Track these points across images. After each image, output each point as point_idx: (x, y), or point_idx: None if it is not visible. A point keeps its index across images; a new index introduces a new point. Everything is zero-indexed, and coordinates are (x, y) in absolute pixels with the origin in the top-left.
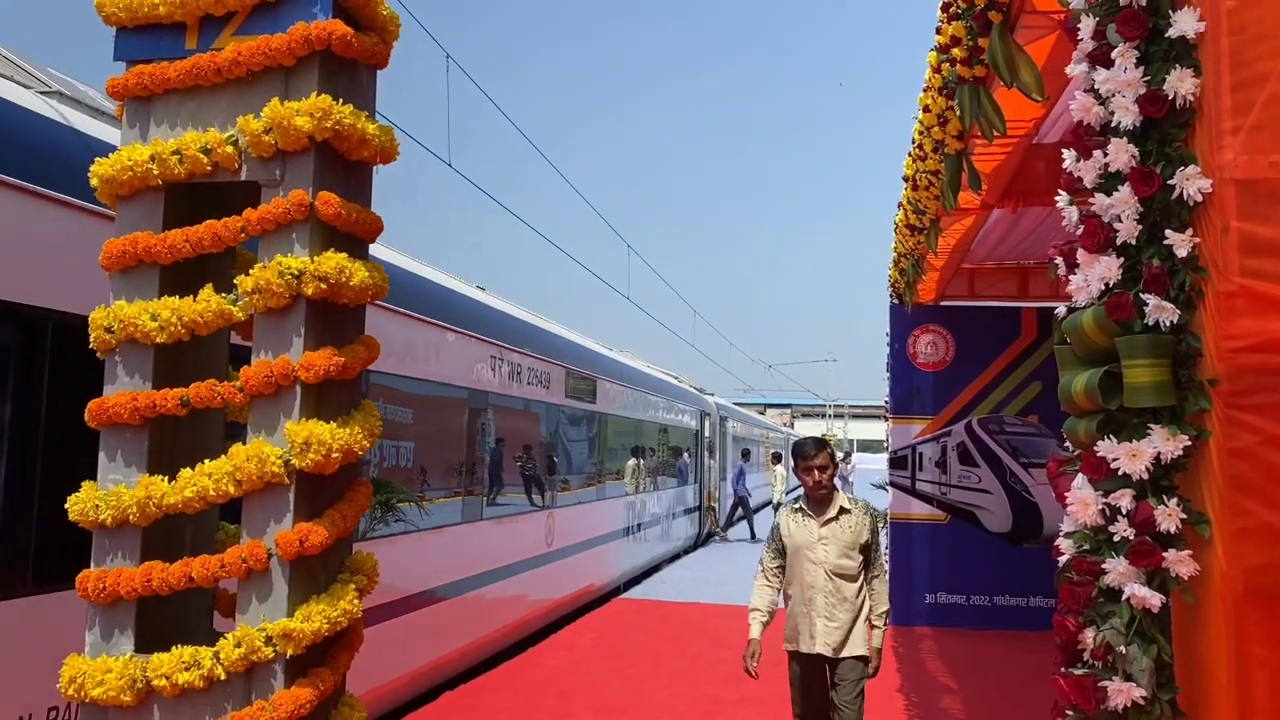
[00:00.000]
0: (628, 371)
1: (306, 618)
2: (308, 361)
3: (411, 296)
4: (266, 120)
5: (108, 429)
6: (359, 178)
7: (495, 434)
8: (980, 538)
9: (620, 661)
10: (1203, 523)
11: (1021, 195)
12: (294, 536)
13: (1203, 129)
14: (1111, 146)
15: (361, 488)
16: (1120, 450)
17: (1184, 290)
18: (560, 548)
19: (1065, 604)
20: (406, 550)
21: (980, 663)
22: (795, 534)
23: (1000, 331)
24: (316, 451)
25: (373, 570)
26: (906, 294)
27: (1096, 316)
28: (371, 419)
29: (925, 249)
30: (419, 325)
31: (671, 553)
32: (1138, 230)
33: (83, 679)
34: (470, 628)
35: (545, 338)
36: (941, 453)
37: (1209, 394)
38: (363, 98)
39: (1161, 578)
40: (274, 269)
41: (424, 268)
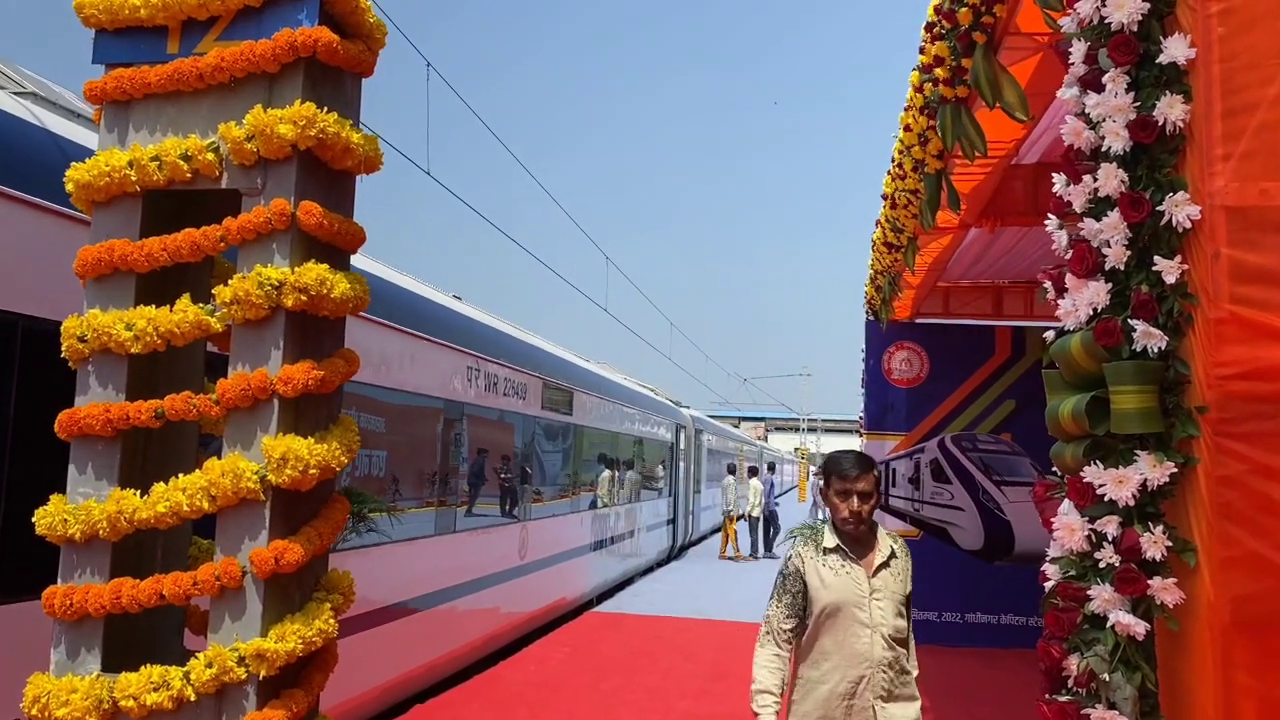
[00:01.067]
0: (604, 384)
1: (280, 637)
2: (286, 375)
3: (386, 305)
4: (249, 127)
5: (78, 441)
6: (341, 188)
7: (470, 445)
8: (952, 554)
9: (592, 675)
10: (1189, 550)
11: (999, 215)
12: (269, 554)
13: (1193, 155)
14: (1101, 171)
15: (338, 504)
16: (1107, 476)
17: (1173, 316)
18: (534, 560)
19: (1050, 630)
20: (377, 562)
21: (952, 680)
22: (834, 585)
23: (974, 350)
24: (294, 467)
25: (349, 589)
26: (882, 311)
27: (1084, 341)
28: (349, 434)
29: (902, 267)
30: (393, 334)
31: (644, 566)
32: (1126, 256)
33: (47, 699)
34: (441, 641)
35: (522, 349)
36: (915, 469)
37: (1197, 421)
38: (347, 106)
39: (1146, 605)
40: (253, 279)
41: (399, 276)
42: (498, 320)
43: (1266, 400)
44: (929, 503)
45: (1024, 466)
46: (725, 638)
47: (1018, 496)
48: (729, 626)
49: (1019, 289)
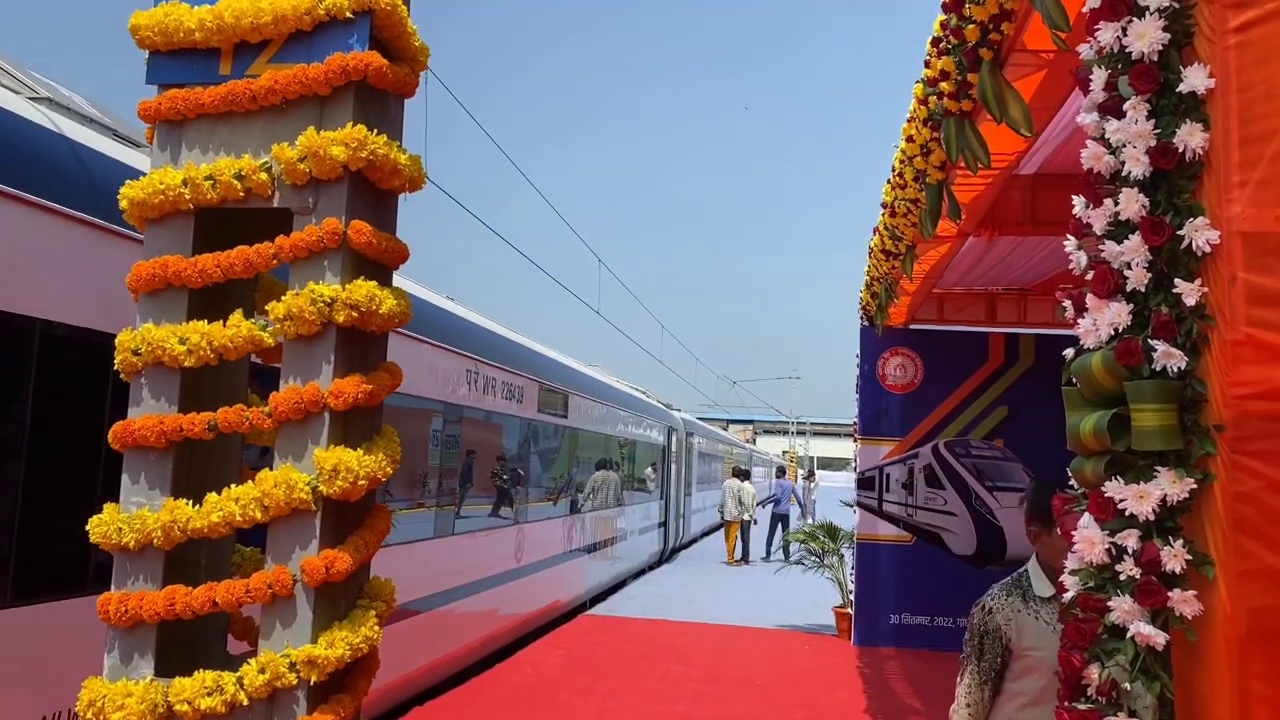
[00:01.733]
0: (598, 387)
1: (330, 644)
2: (338, 389)
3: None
4: (302, 149)
5: (131, 451)
6: (387, 206)
7: (467, 448)
8: (945, 559)
9: (588, 678)
10: (1207, 564)
11: (997, 224)
12: (320, 563)
13: (1211, 182)
14: (1123, 196)
15: (381, 514)
16: (1128, 492)
17: (1191, 337)
18: (529, 563)
19: (1071, 640)
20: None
21: (945, 683)
22: (1045, 640)
23: (968, 356)
24: (344, 479)
25: (390, 596)
26: (878, 317)
27: (1105, 360)
28: (393, 445)
29: (900, 274)
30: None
31: (637, 569)
32: (1147, 278)
33: (102, 703)
34: (439, 643)
35: (518, 351)
36: (908, 474)
37: (1214, 439)
38: (392, 127)
39: (1165, 616)
40: (306, 296)
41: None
42: (494, 323)
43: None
44: (922, 508)
45: (1016, 472)
46: (719, 641)
47: (1010, 502)
48: (723, 630)
49: (1012, 296)
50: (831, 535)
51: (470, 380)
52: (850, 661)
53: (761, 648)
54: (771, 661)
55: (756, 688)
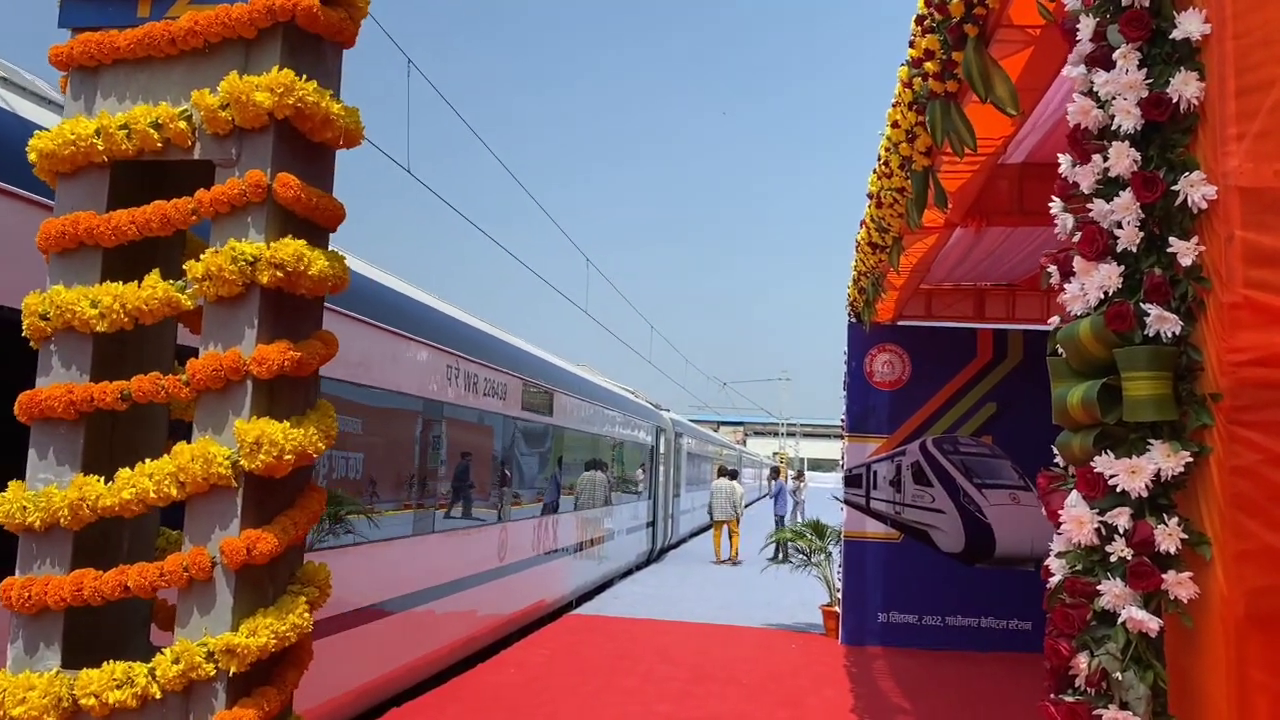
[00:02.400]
0: (585, 385)
1: (252, 632)
2: (261, 355)
3: (365, 301)
4: (224, 95)
5: (39, 424)
6: (321, 161)
7: (448, 446)
8: (933, 557)
9: (572, 678)
10: (1203, 543)
11: (985, 214)
12: (241, 544)
13: (1206, 135)
14: (1112, 151)
15: (314, 494)
16: (1119, 466)
17: (1185, 301)
18: (513, 562)
19: (1057, 627)
20: (354, 563)
21: (933, 683)
22: None
23: (956, 352)
24: (268, 453)
25: (325, 582)
26: (865, 313)
27: (1094, 326)
28: (328, 420)
29: (887, 267)
30: (372, 331)
31: (625, 568)
32: (1139, 237)
33: (2, 696)
34: (419, 643)
35: (501, 348)
36: (896, 471)
37: (1211, 409)
38: (328, 77)
39: (1159, 600)
40: (227, 254)
41: (378, 272)
42: (477, 319)
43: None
44: (910, 505)
45: (1005, 469)
46: (704, 640)
47: (999, 499)
48: (708, 629)
49: (1000, 292)
50: (819, 533)
51: (451, 376)
52: (837, 660)
53: (748, 646)
54: (757, 660)
55: (742, 687)
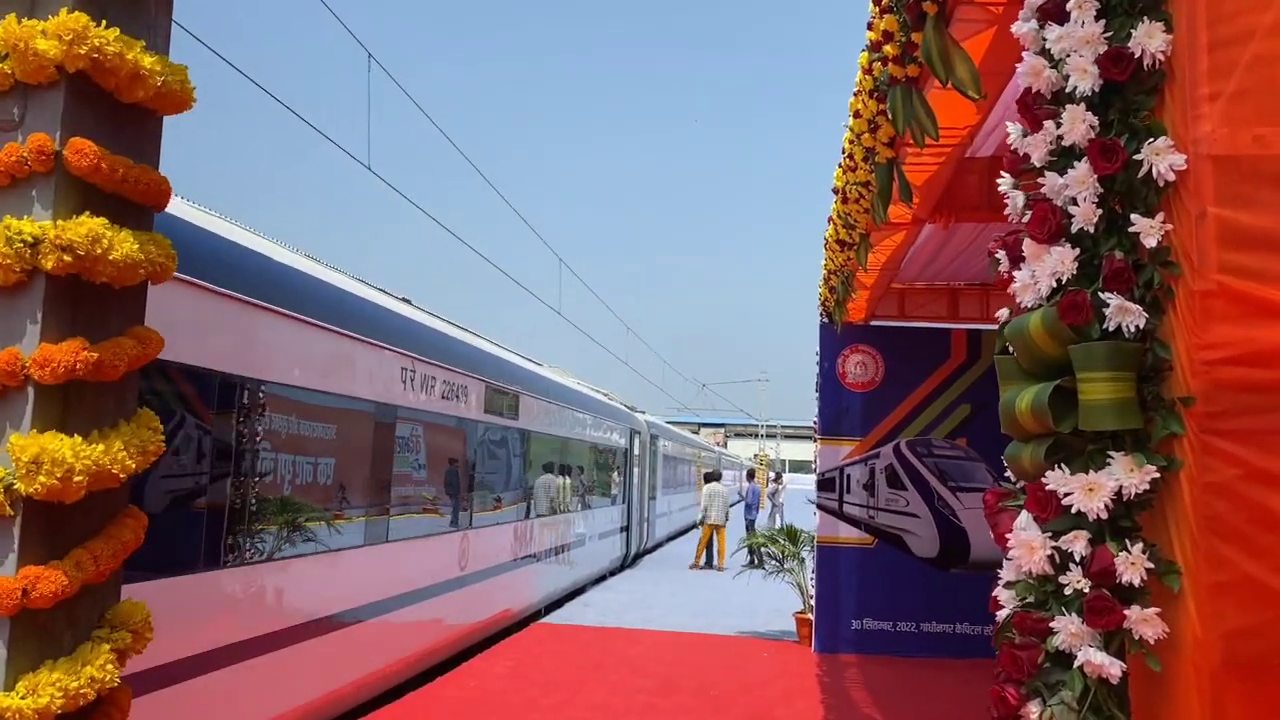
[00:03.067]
0: (553, 388)
1: (32, 690)
2: (44, 356)
3: (309, 300)
4: (1, 43)
5: None
6: (138, 127)
7: (404, 451)
8: (907, 562)
9: (534, 691)
10: (1172, 573)
11: (954, 210)
12: (14, 585)
13: (1174, 96)
14: (1066, 115)
15: (129, 521)
16: (1074, 483)
17: (1151, 289)
18: (475, 570)
19: (1005, 670)
20: (298, 575)
21: (907, 691)
22: None
23: (930, 353)
24: (49, 473)
25: (143, 624)
26: (836, 312)
27: (1046, 320)
28: (144, 432)
29: (855, 265)
30: (316, 332)
31: (597, 574)
32: (1097, 215)
33: None
34: (371, 657)
35: (462, 350)
36: (869, 475)
37: (1181, 416)
38: (151, 30)
39: (1121, 640)
40: (1, 234)
41: (328, 271)
42: (436, 320)
43: (1262, 390)
44: (884, 509)
45: (980, 472)
46: (675, 650)
47: (973, 503)
48: (680, 638)
49: (974, 291)
50: (792, 538)
51: (406, 379)
52: (810, 669)
53: (719, 656)
54: (728, 670)
55: (710, 699)
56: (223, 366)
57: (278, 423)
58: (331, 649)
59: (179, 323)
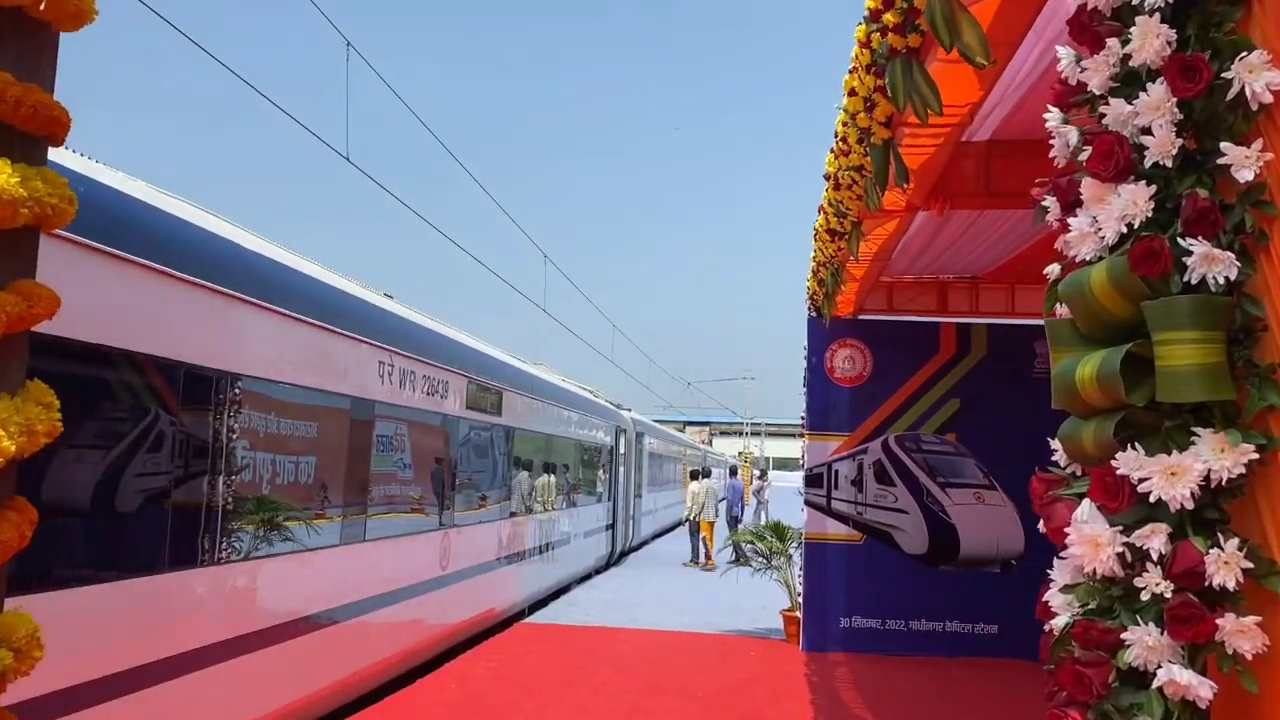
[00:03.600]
0: (538, 384)
1: None
2: None
3: (274, 288)
4: None
5: None
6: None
7: (381, 448)
8: (896, 559)
9: (516, 693)
10: (1274, 575)
11: (948, 196)
12: None
13: (1266, 5)
14: (1136, 30)
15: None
16: (1153, 466)
17: (1241, 233)
18: (457, 570)
19: (1067, 690)
20: (272, 575)
21: (896, 690)
22: None
23: (919, 347)
24: None
25: (30, 640)
26: (825, 305)
27: (1114, 272)
28: (34, 409)
29: (846, 255)
30: (290, 323)
31: (582, 573)
32: (1175, 147)
33: None
34: (346, 660)
35: (443, 344)
36: (858, 470)
37: (1279, 385)
38: None
39: (1209, 655)
40: None
41: (301, 260)
42: (416, 313)
43: None
44: (872, 505)
45: (969, 468)
46: (661, 649)
47: (963, 499)
48: (665, 637)
49: (964, 285)
50: (779, 535)
51: (384, 373)
52: (798, 669)
53: (705, 655)
54: (715, 670)
55: (696, 700)
56: (182, 356)
57: (245, 418)
58: (306, 652)
59: (137, 309)
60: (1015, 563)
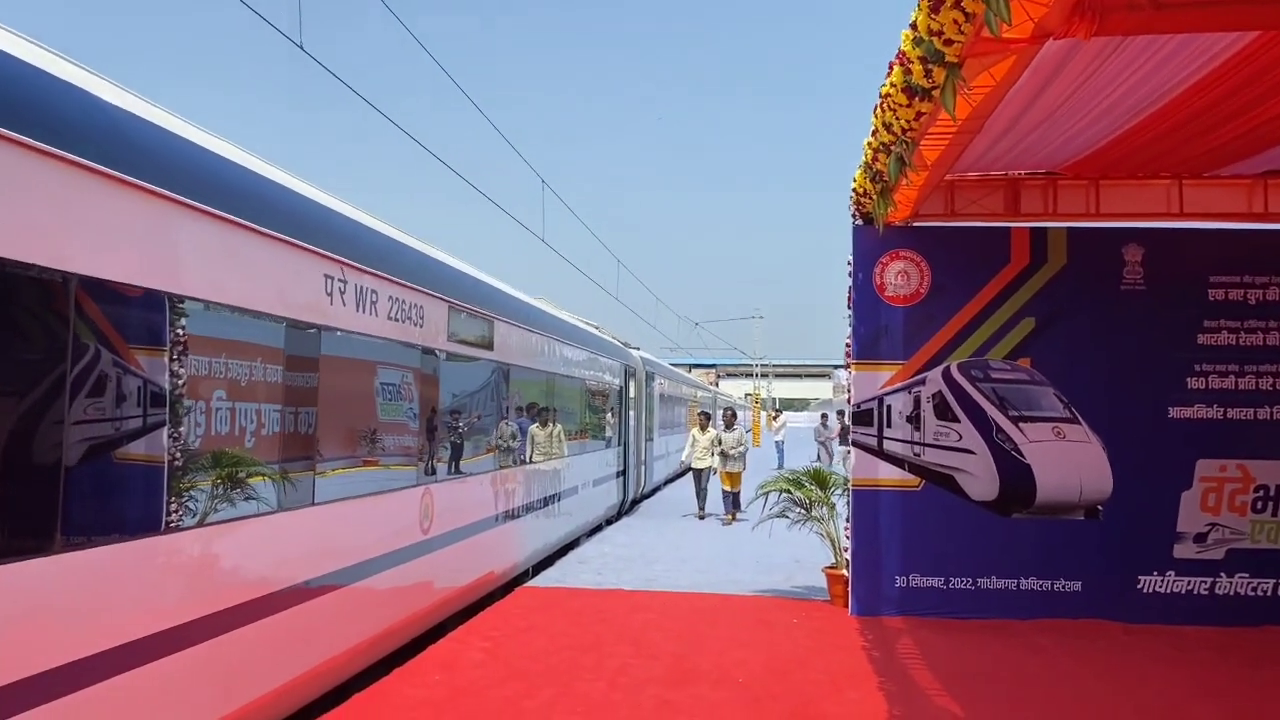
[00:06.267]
0: (538, 316)
1: None
2: None
3: (186, 177)
4: None
5: None
6: None
7: (331, 388)
8: (961, 507)
9: (515, 685)
10: None
11: (1100, 13)
12: None
13: None
14: None
15: None
16: None
17: None
18: (442, 533)
19: None
20: (187, 553)
21: (964, 660)
22: None
23: (985, 257)
24: None
25: None
26: (879, 206)
27: None
28: None
29: (928, 124)
30: (196, 219)
31: (591, 525)
32: None
33: None
34: (299, 653)
35: (413, 258)
36: (914, 405)
37: None
38: None
39: None
40: None
41: (210, 138)
42: (381, 223)
43: None
44: (932, 445)
45: (1047, 398)
46: (686, 617)
47: (1039, 434)
48: (690, 602)
49: (1037, 182)
50: (820, 482)
51: (333, 290)
52: (853, 640)
53: (740, 624)
54: (754, 646)
55: (739, 691)
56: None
57: (117, 342)
58: (251, 643)
59: None
60: (1102, 508)
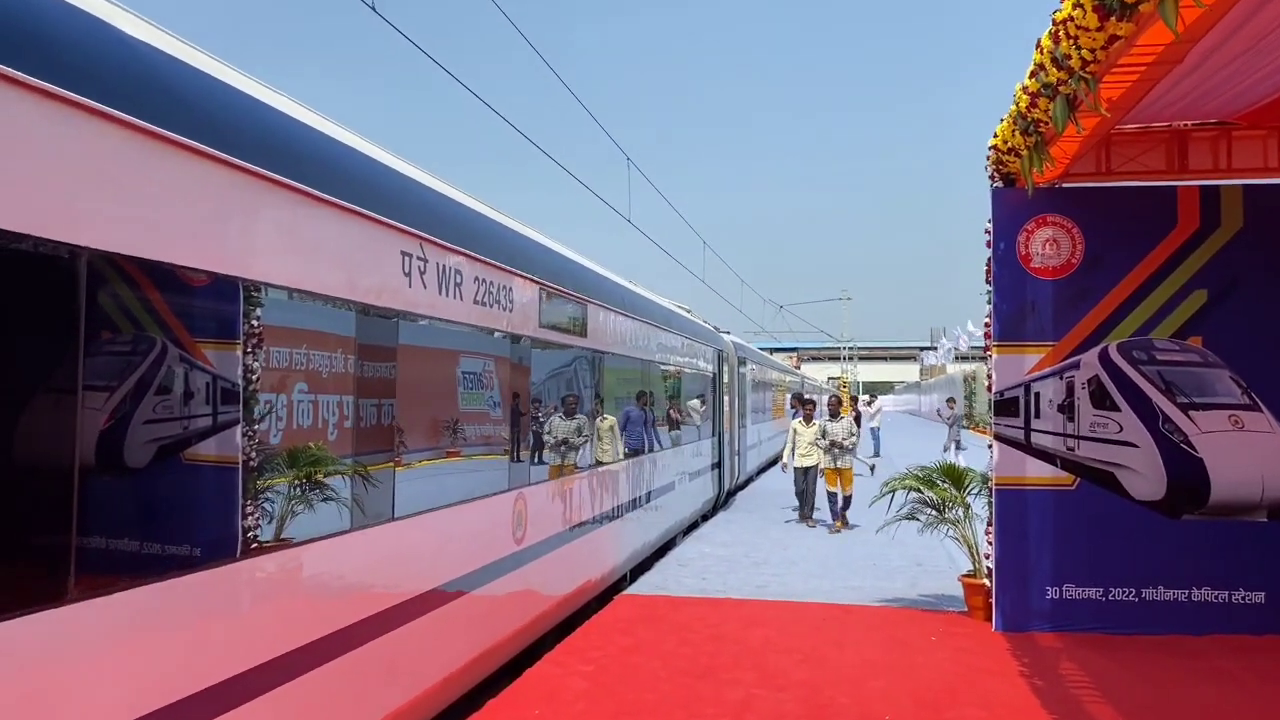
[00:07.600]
0: (629, 298)
1: None
2: None
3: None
4: None
5: None
6: None
7: (407, 384)
8: (1122, 508)
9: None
10: None
11: None
12: None
13: None
14: None
15: None
16: None
17: None
18: (536, 542)
19: None
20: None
21: (1128, 682)
22: None
23: (1148, 221)
24: None
25: None
26: (1029, 163)
27: None
28: None
29: (1126, 50)
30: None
31: (689, 521)
32: None
33: None
34: (379, 694)
35: (502, 235)
36: (1066, 392)
37: None
38: None
39: None
40: None
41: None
42: (465, 195)
43: None
44: (1088, 438)
45: (1223, 382)
46: (808, 633)
47: (1214, 424)
48: (810, 614)
49: (1207, 134)
50: (956, 480)
51: (412, 269)
52: (1005, 663)
53: (870, 642)
54: (894, 671)
55: None
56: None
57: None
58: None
59: None
60: None
